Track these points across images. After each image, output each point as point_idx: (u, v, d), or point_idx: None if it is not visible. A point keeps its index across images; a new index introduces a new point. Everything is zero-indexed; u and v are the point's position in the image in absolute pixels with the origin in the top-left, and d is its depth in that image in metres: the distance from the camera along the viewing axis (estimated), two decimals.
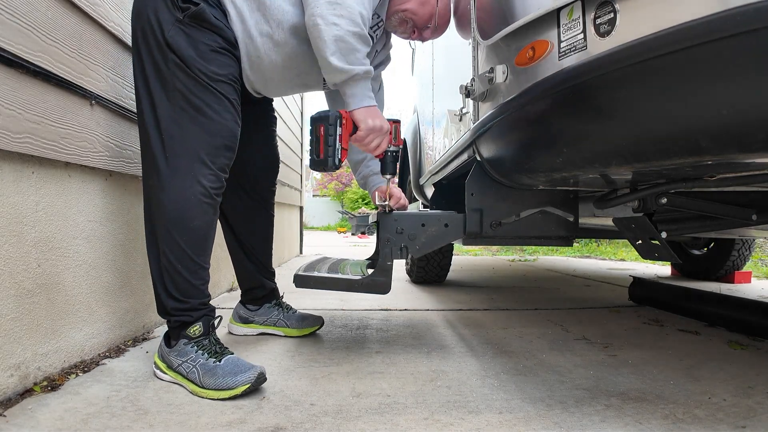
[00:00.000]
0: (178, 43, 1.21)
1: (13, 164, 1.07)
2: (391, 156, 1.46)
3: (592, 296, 2.73)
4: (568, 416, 1.04)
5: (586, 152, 0.98)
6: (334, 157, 1.29)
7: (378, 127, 1.33)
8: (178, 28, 1.21)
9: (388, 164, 1.47)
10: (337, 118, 1.29)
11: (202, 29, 1.23)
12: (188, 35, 1.21)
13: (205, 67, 1.22)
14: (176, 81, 1.21)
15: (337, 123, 1.29)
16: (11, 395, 1.06)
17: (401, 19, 1.50)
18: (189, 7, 1.21)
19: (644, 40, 0.78)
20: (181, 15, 1.21)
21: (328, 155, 1.29)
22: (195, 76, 1.21)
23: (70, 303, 1.28)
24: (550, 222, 1.55)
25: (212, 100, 1.23)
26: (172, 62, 1.21)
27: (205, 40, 1.23)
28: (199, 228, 1.24)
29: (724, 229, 1.35)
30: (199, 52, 1.22)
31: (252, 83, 1.41)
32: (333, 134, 1.29)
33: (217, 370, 1.16)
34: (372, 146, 1.36)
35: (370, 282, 1.46)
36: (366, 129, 1.31)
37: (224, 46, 1.27)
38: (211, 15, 1.24)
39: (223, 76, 1.25)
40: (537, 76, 1.05)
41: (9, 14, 1.03)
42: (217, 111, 1.24)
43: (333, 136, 1.29)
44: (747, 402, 1.12)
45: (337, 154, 1.30)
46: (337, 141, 1.29)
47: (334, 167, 1.31)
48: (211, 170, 1.24)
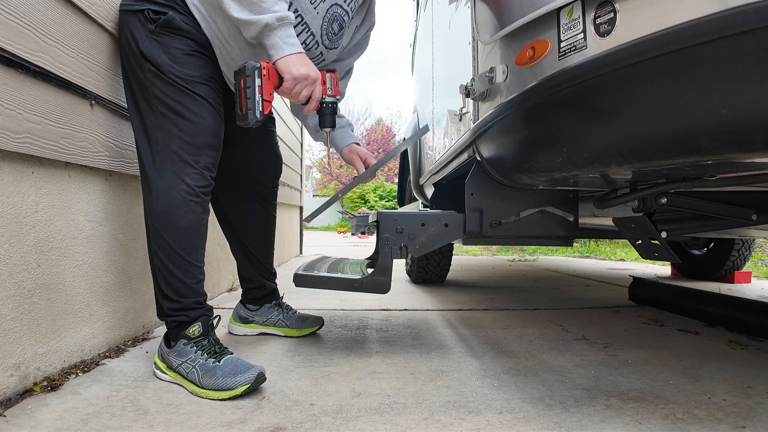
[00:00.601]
0: (152, 51, 1.25)
1: (13, 164, 1.07)
2: (329, 108, 1.40)
3: (592, 296, 2.73)
4: (568, 416, 1.04)
5: (586, 152, 0.98)
6: (254, 110, 1.22)
7: (304, 75, 1.26)
8: (151, 38, 1.25)
9: (326, 116, 1.42)
10: (255, 68, 1.22)
11: (173, 36, 1.26)
12: (160, 43, 1.25)
13: (179, 70, 1.25)
14: (154, 88, 1.25)
15: (255, 74, 1.22)
16: (11, 395, 1.06)
17: None
18: (159, 18, 1.25)
19: (644, 40, 0.78)
20: (152, 26, 1.25)
21: (248, 108, 1.22)
22: (170, 81, 1.24)
23: (70, 303, 1.28)
24: (550, 222, 1.55)
25: (189, 101, 1.25)
26: (149, 71, 1.25)
27: (177, 45, 1.26)
28: (187, 226, 1.25)
29: (724, 228, 1.35)
30: (172, 57, 1.25)
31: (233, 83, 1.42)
32: (251, 85, 1.22)
33: (216, 370, 1.16)
34: (302, 97, 1.30)
35: (370, 282, 1.46)
36: (291, 79, 1.25)
37: (197, 49, 1.29)
38: (180, 21, 1.27)
39: (198, 77, 1.27)
40: (537, 76, 1.05)
41: (9, 14, 1.03)
42: (194, 112, 1.26)
43: (251, 88, 1.22)
44: (747, 402, 1.12)
45: (257, 106, 1.23)
46: (257, 93, 1.22)
47: (256, 120, 1.24)
48: (195, 169, 1.25)
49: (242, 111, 1.24)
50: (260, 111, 1.24)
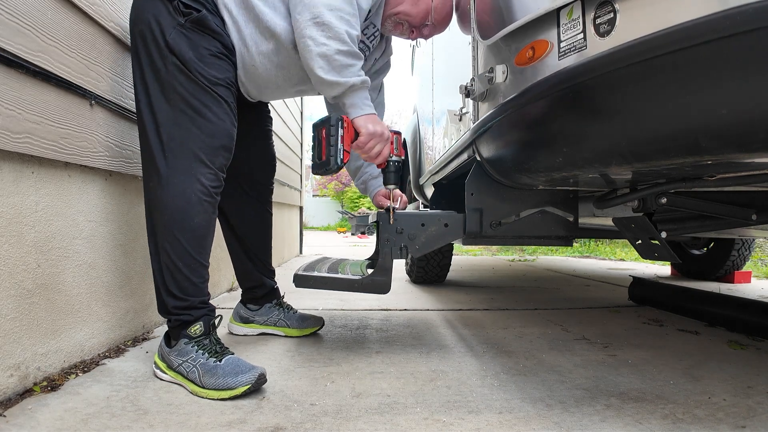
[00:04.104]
0: (180, 45, 1.23)
1: (12, 164, 1.07)
2: (394, 165, 1.46)
3: (592, 296, 2.73)
4: (568, 416, 1.04)
5: (586, 152, 0.98)
6: (336, 157, 1.30)
7: (379, 132, 1.35)
8: (179, 31, 1.23)
9: (391, 174, 1.47)
10: (339, 120, 1.31)
11: (203, 34, 1.26)
12: (189, 39, 1.24)
13: (205, 70, 1.24)
14: (176, 83, 1.23)
15: (339, 125, 1.31)
16: (11, 395, 1.06)
17: (395, 22, 1.52)
18: (191, 13, 1.24)
19: (644, 40, 0.78)
20: (182, 19, 1.23)
21: (330, 155, 1.30)
22: (195, 79, 1.23)
23: (70, 303, 1.28)
24: (550, 222, 1.55)
25: (211, 102, 1.25)
26: (173, 64, 1.23)
27: (205, 45, 1.26)
28: (199, 226, 1.25)
29: (724, 228, 1.35)
30: (199, 56, 1.24)
31: (247, 89, 1.44)
32: (335, 135, 1.30)
33: (217, 370, 1.16)
34: (374, 152, 1.37)
35: (370, 282, 1.46)
36: (367, 134, 1.33)
37: (223, 51, 1.30)
38: (212, 22, 1.27)
39: (222, 80, 1.28)
40: (537, 76, 1.05)
41: (9, 14, 1.03)
42: (216, 113, 1.26)
43: (335, 137, 1.30)
44: (747, 402, 1.12)
45: (339, 154, 1.30)
46: (339, 142, 1.30)
47: (337, 167, 1.31)
48: (210, 169, 1.26)
49: (322, 158, 1.31)
50: (340, 159, 1.31)
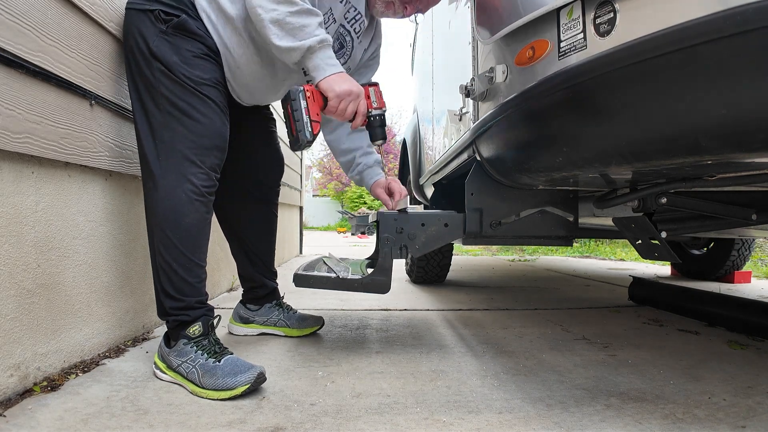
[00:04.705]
0: (162, 51, 1.25)
1: (12, 164, 1.07)
2: (377, 120, 1.39)
3: (592, 296, 2.73)
4: (568, 416, 1.04)
5: (587, 152, 0.98)
6: (304, 131, 1.25)
7: (346, 91, 1.26)
8: (161, 38, 1.25)
9: (376, 129, 1.40)
10: (299, 92, 1.25)
11: (185, 37, 1.27)
12: (171, 43, 1.26)
13: (189, 71, 1.25)
14: (162, 87, 1.25)
15: (300, 97, 1.25)
16: (11, 395, 1.06)
17: (386, 1, 1.44)
18: (172, 19, 1.26)
19: (644, 40, 0.78)
20: (164, 26, 1.26)
21: (298, 130, 1.25)
22: (179, 81, 1.24)
23: (70, 303, 1.28)
24: (550, 222, 1.55)
25: (197, 102, 1.26)
26: (158, 70, 1.25)
27: (188, 47, 1.27)
28: (191, 225, 1.25)
29: (724, 228, 1.35)
30: (182, 58, 1.25)
31: (237, 93, 1.44)
32: (298, 108, 1.25)
33: (216, 370, 1.16)
34: (348, 113, 1.30)
35: (370, 282, 1.46)
36: (335, 96, 1.26)
37: (207, 52, 1.30)
38: (193, 25, 1.28)
39: (207, 80, 1.28)
40: (537, 76, 1.05)
41: (9, 14, 1.03)
42: (203, 113, 1.26)
43: (299, 111, 1.25)
44: (747, 402, 1.12)
45: (306, 127, 1.25)
46: (305, 114, 1.25)
47: (307, 141, 1.26)
48: (201, 169, 1.26)
49: (293, 135, 1.27)
50: (309, 131, 1.26)
